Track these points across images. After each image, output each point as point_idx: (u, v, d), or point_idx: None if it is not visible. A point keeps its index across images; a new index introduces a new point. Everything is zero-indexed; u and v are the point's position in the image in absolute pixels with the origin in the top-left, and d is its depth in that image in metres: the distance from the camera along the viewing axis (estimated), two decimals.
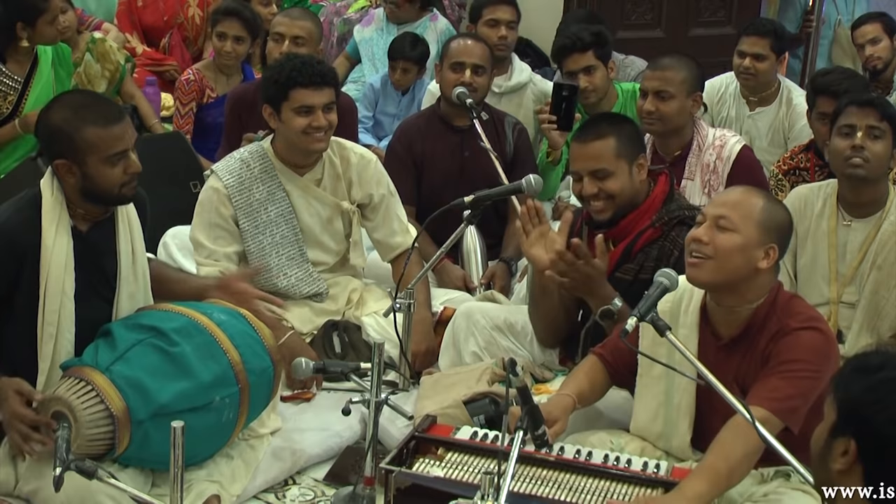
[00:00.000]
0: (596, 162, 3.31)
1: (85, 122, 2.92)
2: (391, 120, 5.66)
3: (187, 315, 3.05)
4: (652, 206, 3.34)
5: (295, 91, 3.69)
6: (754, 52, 5.03)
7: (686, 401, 2.89)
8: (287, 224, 3.85)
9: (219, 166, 3.86)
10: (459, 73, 4.43)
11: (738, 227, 2.75)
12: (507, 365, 2.42)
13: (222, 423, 3.01)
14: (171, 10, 6.42)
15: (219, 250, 3.76)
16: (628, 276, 3.32)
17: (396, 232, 4.01)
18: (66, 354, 2.99)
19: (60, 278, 2.96)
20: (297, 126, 3.71)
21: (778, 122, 5.09)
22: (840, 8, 6.90)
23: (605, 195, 3.31)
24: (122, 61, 5.44)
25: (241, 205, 3.79)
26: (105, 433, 2.83)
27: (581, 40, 4.67)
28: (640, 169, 3.34)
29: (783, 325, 2.75)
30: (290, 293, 3.85)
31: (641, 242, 3.32)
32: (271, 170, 3.83)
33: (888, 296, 3.52)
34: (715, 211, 2.80)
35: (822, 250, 3.61)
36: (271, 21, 5.65)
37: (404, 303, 3.31)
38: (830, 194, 3.64)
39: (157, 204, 3.35)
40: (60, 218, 2.98)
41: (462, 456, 2.80)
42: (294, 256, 3.87)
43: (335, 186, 3.91)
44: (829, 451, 1.80)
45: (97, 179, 2.95)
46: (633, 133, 3.41)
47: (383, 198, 3.98)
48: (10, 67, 4.69)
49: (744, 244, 2.75)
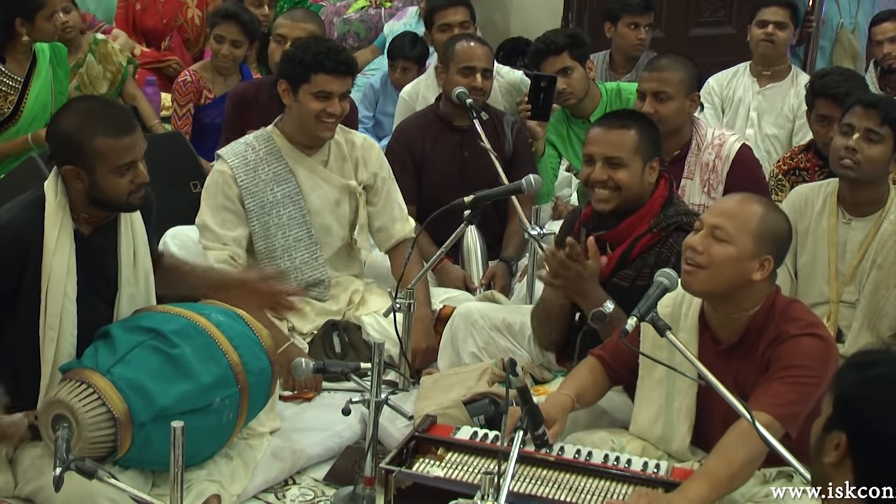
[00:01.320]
0: (614, 150, 3.31)
1: (96, 132, 2.90)
2: (391, 120, 5.66)
3: (186, 317, 3.05)
4: (651, 210, 3.33)
5: (318, 76, 3.74)
6: (776, 21, 5.18)
7: (686, 404, 2.89)
8: (294, 205, 3.86)
9: (224, 150, 3.90)
10: (470, 78, 4.43)
11: (733, 239, 2.74)
12: (507, 365, 2.42)
13: (222, 423, 3.01)
14: (170, 12, 6.44)
15: (226, 234, 3.77)
16: (625, 282, 3.31)
17: (397, 219, 4.03)
18: (68, 357, 2.98)
19: (62, 281, 2.95)
20: (312, 109, 3.75)
21: (787, 100, 5.17)
22: (842, 9, 6.90)
23: (613, 184, 3.30)
24: (125, 63, 5.46)
25: (247, 185, 3.81)
26: (107, 436, 2.83)
27: (555, 43, 4.69)
28: (651, 171, 3.33)
29: (782, 330, 2.74)
30: (292, 277, 3.84)
31: (639, 248, 3.31)
32: (277, 151, 3.86)
33: (888, 295, 3.52)
34: (712, 220, 2.79)
35: (821, 249, 3.61)
36: (263, 22, 5.68)
37: (404, 303, 3.32)
38: (831, 193, 3.63)
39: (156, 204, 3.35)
40: (63, 221, 2.97)
41: (462, 456, 2.80)
42: (301, 238, 3.88)
43: (342, 167, 3.94)
44: (823, 444, 1.82)
45: (104, 188, 2.93)
46: (655, 136, 3.41)
47: (385, 181, 4.02)
48: (9, 67, 4.70)
49: (738, 256, 2.74)
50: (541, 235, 3.78)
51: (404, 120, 4.82)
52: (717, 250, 2.74)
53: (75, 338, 2.99)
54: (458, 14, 5.23)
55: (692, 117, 4.21)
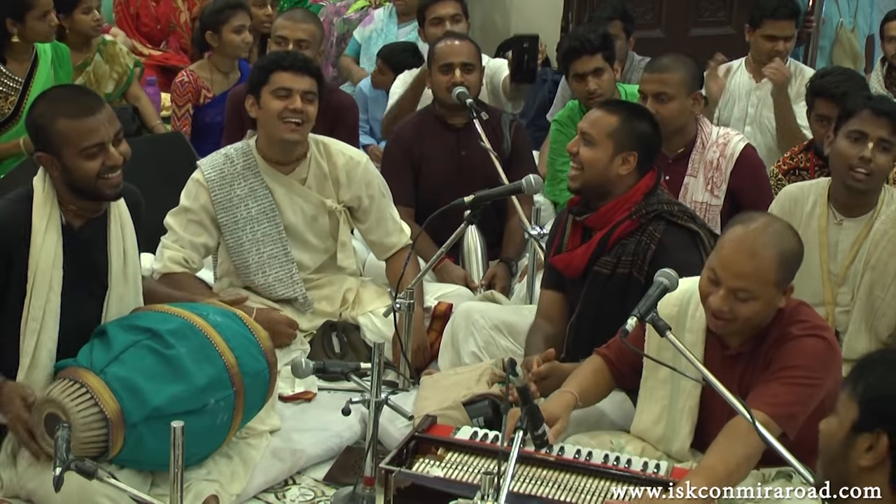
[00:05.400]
0: (589, 126, 3.36)
1: (57, 115, 2.93)
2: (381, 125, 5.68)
3: (183, 317, 3.05)
4: (632, 197, 3.34)
5: (275, 74, 3.76)
6: (786, 35, 5.11)
7: (690, 405, 2.89)
8: (269, 221, 3.85)
9: (203, 160, 3.91)
10: (449, 75, 4.44)
11: (757, 294, 2.71)
12: (507, 365, 2.43)
13: (216, 425, 3.00)
14: (164, 16, 6.47)
15: (186, 237, 3.78)
16: (606, 269, 3.32)
17: (391, 232, 4.02)
18: (48, 352, 2.98)
19: (48, 273, 2.95)
20: (274, 109, 3.74)
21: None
22: (842, 9, 6.91)
23: (578, 162, 3.35)
24: (131, 65, 5.47)
25: (221, 199, 3.81)
26: (98, 436, 2.82)
27: (590, 43, 4.66)
28: (623, 164, 3.33)
29: (786, 331, 2.75)
30: (264, 293, 3.86)
31: (618, 234, 3.31)
32: (254, 167, 3.85)
33: (884, 295, 3.51)
34: (732, 283, 2.70)
35: (813, 250, 3.59)
36: (265, 22, 5.68)
37: (404, 303, 3.32)
38: (821, 194, 3.61)
39: (156, 204, 3.36)
40: (51, 213, 2.98)
41: (462, 456, 2.80)
42: (276, 254, 3.86)
43: (321, 185, 3.91)
44: (852, 447, 1.77)
45: (74, 172, 2.95)
46: (642, 133, 3.38)
47: (373, 199, 3.97)
48: (10, 68, 4.71)
49: (766, 305, 2.73)
50: (541, 235, 3.78)
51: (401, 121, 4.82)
52: (745, 310, 2.72)
53: (56, 332, 2.99)
54: (449, 7, 5.26)
55: (697, 116, 4.20)
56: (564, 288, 3.50)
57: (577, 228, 3.44)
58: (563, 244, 3.47)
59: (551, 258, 3.50)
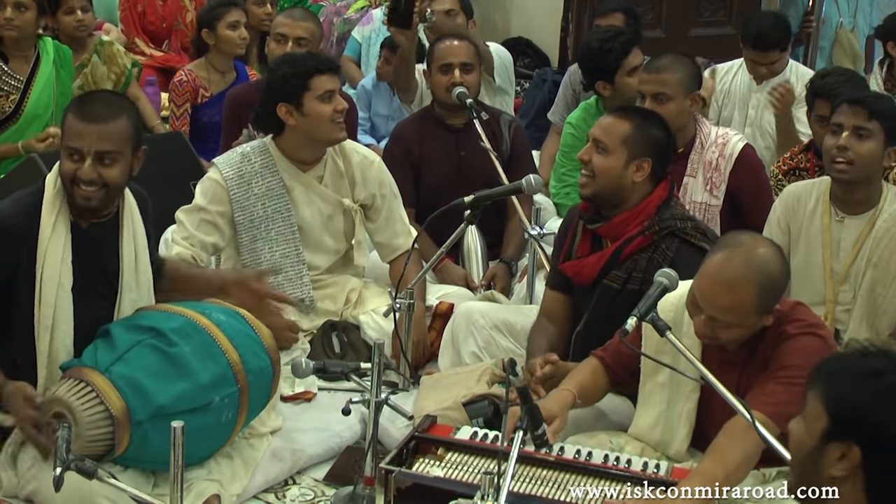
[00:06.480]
0: (601, 133, 3.31)
1: (69, 108, 3.00)
2: (384, 121, 5.68)
3: (186, 315, 3.05)
4: (646, 209, 3.28)
5: (316, 79, 3.76)
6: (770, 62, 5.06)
7: (688, 409, 2.89)
8: (284, 221, 3.86)
9: (220, 159, 3.90)
10: (449, 75, 4.44)
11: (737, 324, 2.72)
12: (507, 365, 2.42)
13: (221, 423, 3.01)
14: (170, 15, 6.48)
15: (197, 236, 3.77)
16: (616, 283, 3.28)
17: (399, 234, 4.03)
18: (65, 349, 2.99)
19: (57, 270, 2.96)
20: (325, 113, 3.76)
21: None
22: (842, 9, 6.91)
23: (590, 169, 3.30)
24: (129, 66, 5.46)
25: (239, 198, 3.81)
26: (105, 434, 2.83)
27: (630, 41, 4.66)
28: (637, 171, 3.28)
29: (782, 330, 2.75)
30: None
31: (630, 249, 3.27)
32: (272, 165, 3.85)
33: (885, 293, 3.50)
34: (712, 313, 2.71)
35: (815, 249, 3.60)
36: (265, 21, 5.68)
37: (404, 303, 3.32)
38: (823, 192, 3.62)
39: (156, 204, 3.35)
40: (60, 211, 2.99)
41: (462, 456, 2.80)
42: (288, 254, 3.87)
43: (338, 184, 3.92)
44: (822, 455, 1.75)
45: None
46: (656, 139, 3.33)
47: (385, 199, 3.99)
48: (12, 67, 4.72)
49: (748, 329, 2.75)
50: (541, 235, 3.78)
51: (400, 122, 4.83)
52: (727, 335, 2.75)
53: (71, 331, 2.99)
54: (445, 2, 5.24)
55: (695, 116, 4.19)
56: (569, 290, 3.47)
57: (587, 235, 3.38)
58: (573, 250, 3.41)
59: (560, 265, 3.45)
